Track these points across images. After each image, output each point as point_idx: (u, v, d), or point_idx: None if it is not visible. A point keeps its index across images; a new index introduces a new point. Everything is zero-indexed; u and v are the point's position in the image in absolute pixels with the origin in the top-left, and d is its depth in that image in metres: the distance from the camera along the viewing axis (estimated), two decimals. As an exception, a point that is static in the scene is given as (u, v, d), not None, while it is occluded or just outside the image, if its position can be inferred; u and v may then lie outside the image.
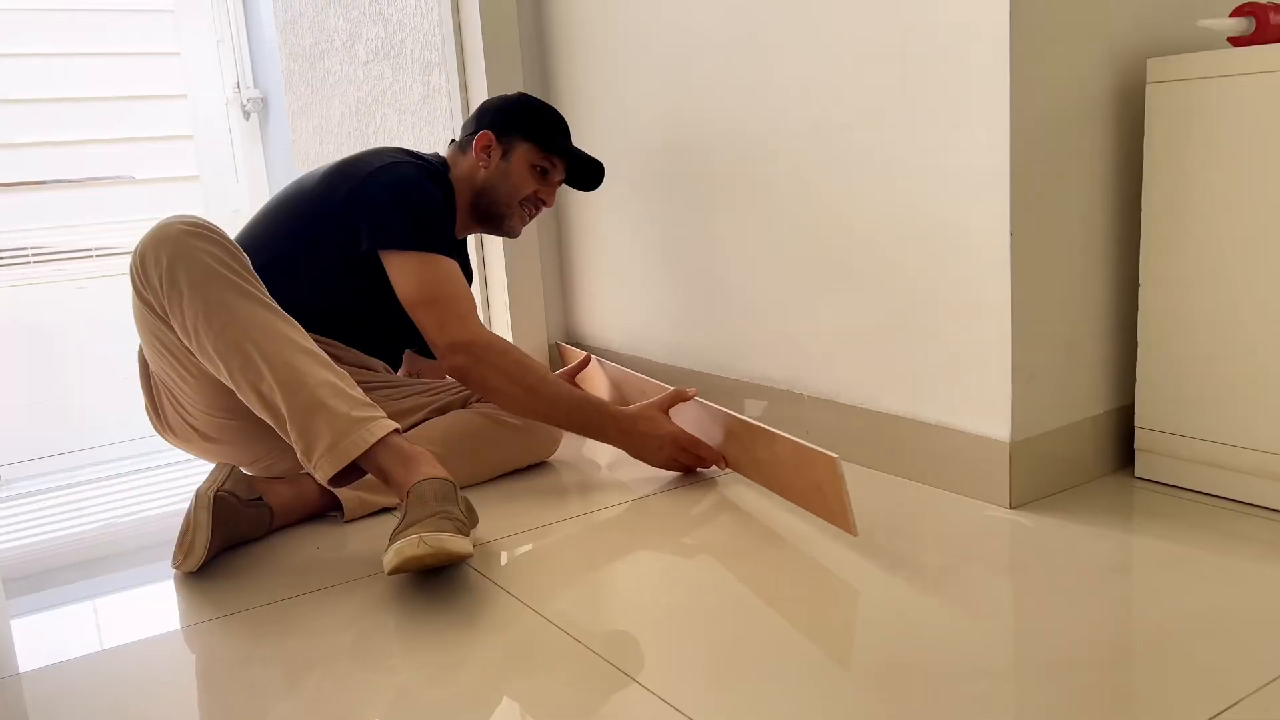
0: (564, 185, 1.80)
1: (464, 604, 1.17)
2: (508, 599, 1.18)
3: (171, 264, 1.30)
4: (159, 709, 0.99)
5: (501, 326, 2.23)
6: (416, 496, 1.22)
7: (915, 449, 1.47)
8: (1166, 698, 0.90)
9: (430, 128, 2.60)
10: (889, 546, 1.26)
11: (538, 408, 1.54)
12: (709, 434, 1.59)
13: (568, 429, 1.58)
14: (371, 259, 1.55)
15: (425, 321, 1.52)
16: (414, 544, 1.12)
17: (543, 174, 1.72)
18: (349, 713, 0.96)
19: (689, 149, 1.82)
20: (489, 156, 1.69)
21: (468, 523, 1.22)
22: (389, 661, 1.05)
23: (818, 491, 1.33)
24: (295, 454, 1.32)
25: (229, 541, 1.36)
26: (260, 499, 1.40)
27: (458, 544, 1.15)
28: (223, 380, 1.33)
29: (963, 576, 1.16)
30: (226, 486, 1.34)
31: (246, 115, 5.11)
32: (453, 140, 1.78)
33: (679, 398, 1.59)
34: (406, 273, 1.52)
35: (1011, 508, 1.35)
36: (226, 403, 1.41)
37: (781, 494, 1.45)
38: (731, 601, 1.14)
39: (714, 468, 1.59)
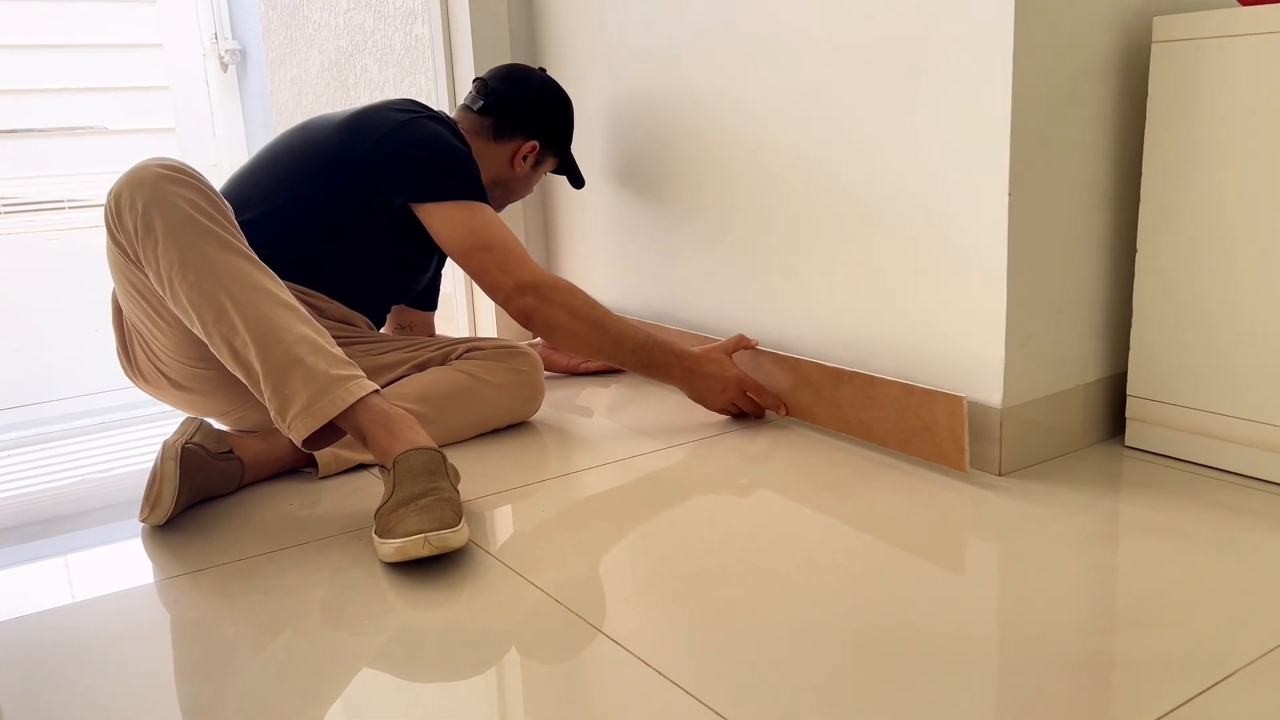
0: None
1: (441, 564, 1.14)
2: (486, 559, 1.15)
3: (147, 209, 1.25)
4: (124, 666, 0.96)
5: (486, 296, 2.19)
6: (404, 470, 1.17)
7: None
8: (1156, 670, 0.88)
9: (413, 78, 2.54)
10: (875, 512, 1.23)
11: (604, 344, 1.54)
12: (766, 381, 1.64)
13: (631, 368, 1.58)
14: (401, 214, 1.54)
15: (484, 265, 1.51)
16: (419, 544, 1.09)
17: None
18: (321, 672, 0.93)
19: (678, 107, 1.78)
20: (525, 162, 1.73)
21: (459, 496, 1.18)
22: (362, 622, 1.02)
23: (925, 433, 1.37)
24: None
25: (198, 495, 1.32)
26: (231, 452, 1.36)
27: (459, 538, 1.12)
28: (196, 332, 1.28)
29: (949, 544, 1.14)
30: (196, 439, 1.30)
31: (224, 67, 5.01)
32: (465, 106, 1.73)
33: (743, 344, 1.63)
34: (453, 222, 1.52)
35: (1000, 474, 1.33)
36: (199, 351, 1.37)
37: (865, 436, 1.48)
38: (713, 562, 1.11)
39: (771, 413, 1.65)
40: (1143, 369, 1.38)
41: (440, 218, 1.52)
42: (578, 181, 1.85)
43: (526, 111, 1.71)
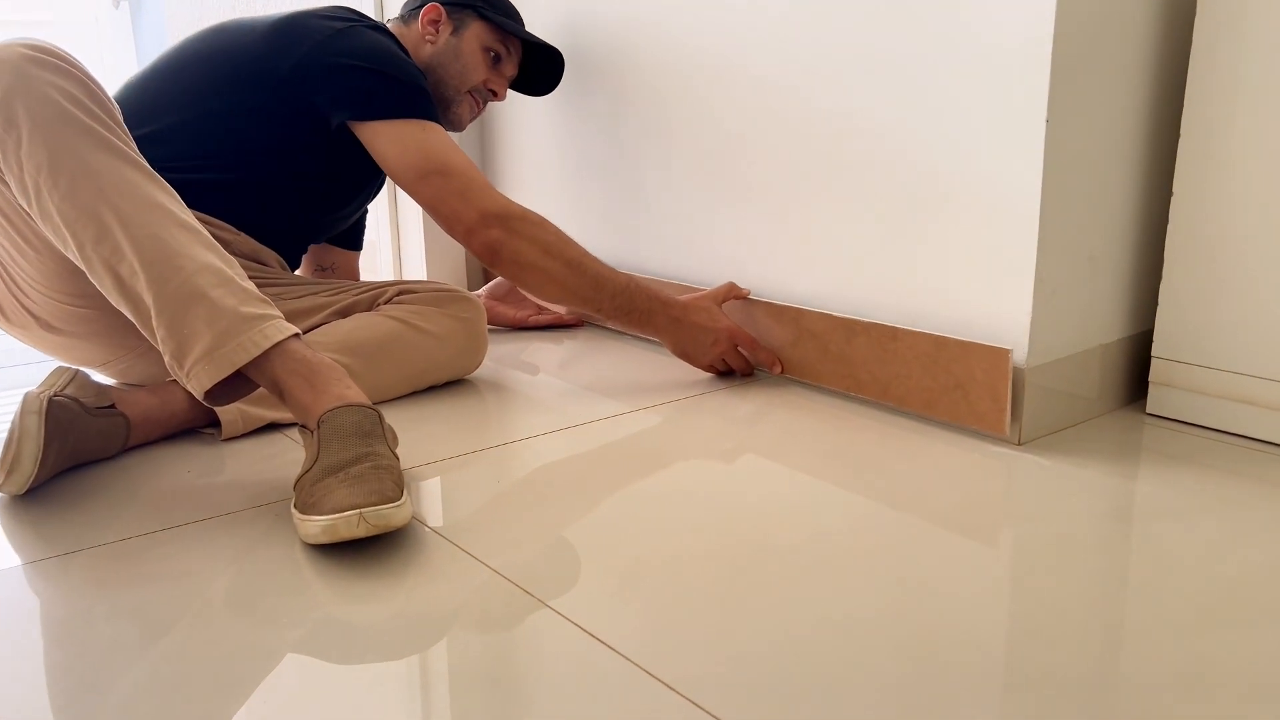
0: (513, 91, 1.64)
1: (375, 543, 0.93)
2: (430, 537, 0.94)
3: (7, 98, 0.99)
4: (-41, 677, 0.73)
5: (414, 243, 1.96)
6: (332, 430, 0.95)
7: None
8: (1272, 675, 0.72)
9: (332, -1, 2.27)
10: (893, 483, 1.06)
11: (581, 287, 1.34)
12: (759, 335, 1.48)
13: (609, 316, 1.37)
14: (336, 135, 1.34)
15: (440, 193, 1.31)
16: (352, 522, 0.87)
17: (495, 60, 1.53)
18: (226, 676, 0.72)
19: (642, 23, 1.58)
20: (437, 31, 1.49)
21: (399, 463, 0.97)
22: (279, 614, 0.81)
23: (957, 391, 1.22)
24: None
25: (70, 460, 1.08)
26: (113, 407, 1.12)
27: (402, 515, 0.90)
28: (70, 256, 1.04)
29: (987, 522, 0.97)
30: (67, 391, 1.06)
31: (116, 3, 4.63)
32: (395, 20, 1.55)
33: (734, 293, 1.45)
34: (405, 143, 1.31)
35: (1019, 444, 1.17)
36: (75, 285, 1.13)
37: (881, 396, 1.32)
38: (702, 542, 0.92)
39: (760, 372, 1.48)
40: (1171, 327, 1.24)
41: (387, 138, 1.31)
42: (534, 76, 1.62)
43: None
